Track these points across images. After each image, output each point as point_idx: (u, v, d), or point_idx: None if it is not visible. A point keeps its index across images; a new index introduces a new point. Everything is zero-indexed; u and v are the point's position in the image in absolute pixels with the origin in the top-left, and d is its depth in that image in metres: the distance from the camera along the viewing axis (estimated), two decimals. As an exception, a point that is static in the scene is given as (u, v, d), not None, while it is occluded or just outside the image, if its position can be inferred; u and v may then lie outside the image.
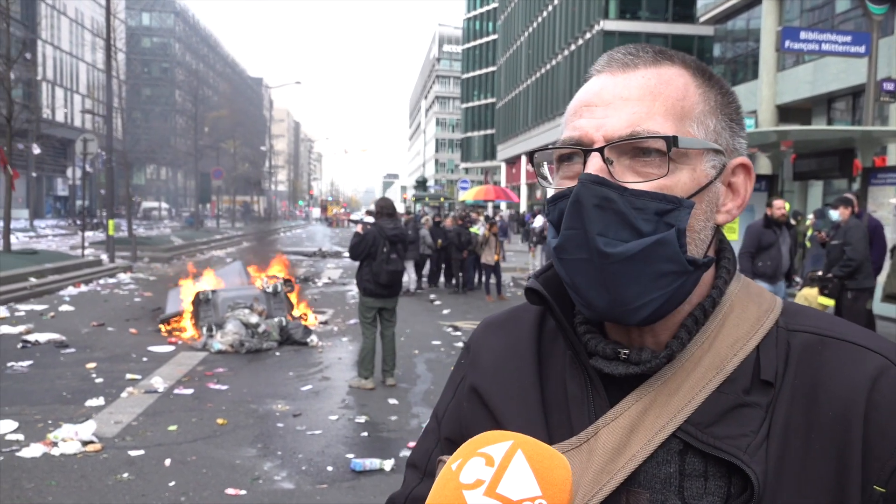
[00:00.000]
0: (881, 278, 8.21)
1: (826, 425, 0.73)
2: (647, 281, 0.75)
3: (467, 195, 37.77)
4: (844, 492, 0.71)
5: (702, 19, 26.47)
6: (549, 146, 0.84)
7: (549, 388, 0.85)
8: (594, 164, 0.77)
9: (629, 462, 0.75)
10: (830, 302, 7.82)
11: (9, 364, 7.92)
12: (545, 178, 0.86)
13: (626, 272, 0.74)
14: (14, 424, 5.80)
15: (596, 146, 0.77)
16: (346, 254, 7.64)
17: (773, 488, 0.72)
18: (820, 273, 8.04)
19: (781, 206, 7.91)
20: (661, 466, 0.76)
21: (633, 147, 0.77)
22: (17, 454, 5.18)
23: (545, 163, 0.86)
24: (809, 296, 8.20)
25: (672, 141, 0.76)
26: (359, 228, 7.46)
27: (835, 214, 8.16)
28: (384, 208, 7.61)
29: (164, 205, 66.05)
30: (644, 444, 0.76)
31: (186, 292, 10.71)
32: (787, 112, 21.58)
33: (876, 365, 0.75)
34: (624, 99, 0.78)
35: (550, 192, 0.83)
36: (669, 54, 0.82)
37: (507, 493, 0.62)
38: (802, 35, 14.31)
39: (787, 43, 14.13)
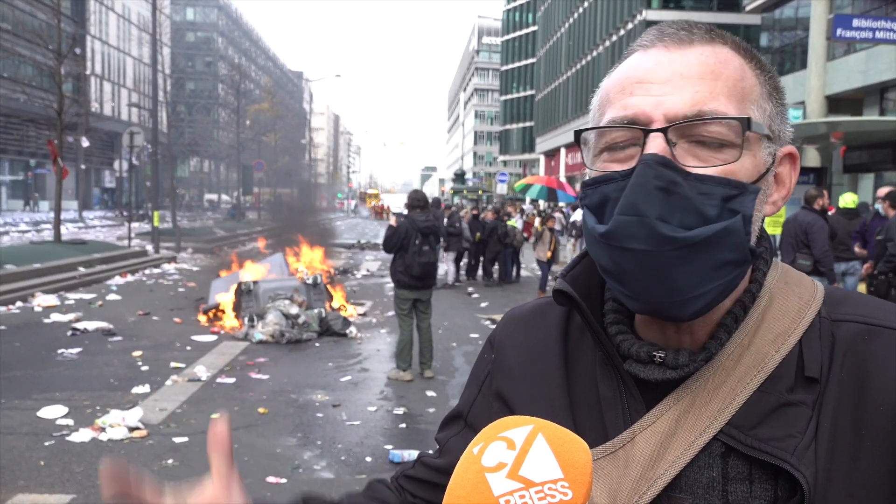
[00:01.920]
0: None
1: (877, 421, 0.69)
2: (707, 270, 0.70)
3: (520, 185, 36.98)
4: None
5: (748, 7, 25.81)
6: (602, 126, 0.77)
7: (576, 389, 0.82)
8: (657, 145, 0.71)
9: (669, 468, 0.72)
10: None
11: (59, 351, 8.17)
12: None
13: (688, 260, 0.69)
14: (64, 410, 5.99)
15: (655, 126, 0.72)
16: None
17: (824, 490, 0.68)
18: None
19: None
20: (702, 471, 0.73)
21: (695, 129, 0.72)
22: (67, 438, 5.34)
23: (588, 143, 0.81)
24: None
25: (746, 123, 0.71)
26: (392, 221, 7.51)
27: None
28: (416, 200, 7.62)
29: (225, 197, 66.94)
30: (684, 449, 0.72)
31: (229, 283, 10.90)
32: (836, 103, 20.92)
33: None
34: (683, 76, 0.73)
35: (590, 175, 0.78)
36: (720, 33, 0.78)
37: (529, 476, 0.62)
38: (855, 23, 13.86)
39: (839, 31, 13.70)
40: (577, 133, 0.80)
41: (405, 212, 7.71)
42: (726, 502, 0.71)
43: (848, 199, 9.08)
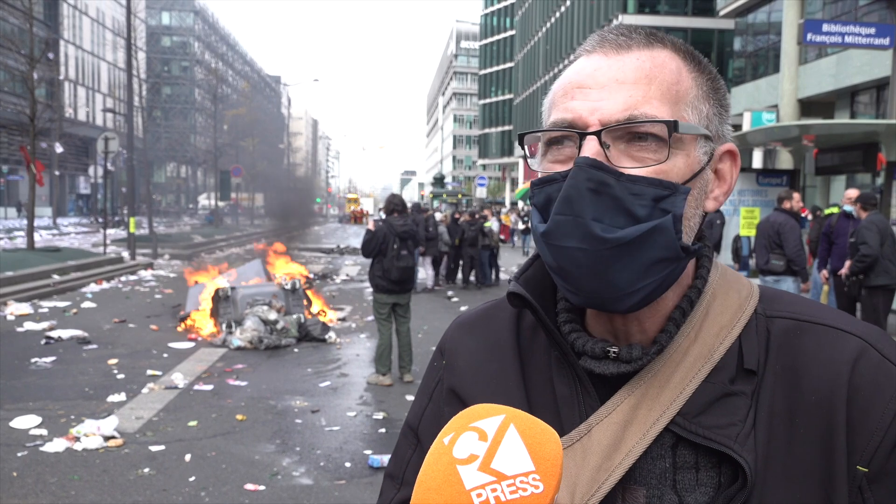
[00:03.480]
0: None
1: (810, 410, 0.74)
2: (641, 267, 0.73)
3: (520, 192, 36.70)
4: (832, 474, 0.72)
5: (722, 13, 26.13)
6: (542, 129, 0.80)
7: (533, 388, 0.84)
8: (591, 148, 0.74)
9: (626, 457, 0.75)
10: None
11: (32, 360, 8.04)
12: (529, 158, 0.85)
13: (621, 258, 0.72)
14: (38, 420, 5.89)
15: (591, 130, 0.75)
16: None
17: (763, 475, 0.72)
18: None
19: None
20: (655, 462, 0.76)
21: (628, 132, 0.75)
22: (41, 449, 5.26)
23: (532, 144, 0.83)
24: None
25: (672, 126, 0.74)
26: (370, 225, 7.49)
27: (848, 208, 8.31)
28: (393, 205, 7.63)
29: (203, 201, 64.81)
30: (639, 438, 0.75)
31: (206, 290, 10.80)
32: (809, 106, 21.25)
33: (854, 347, 0.76)
34: (619, 82, 0.76)
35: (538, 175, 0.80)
36: (660, 37, 0.80)
37: (501, 469, 0.62)
38: (825, 28, 14.08)
39: (809, 36, 13.92)
40: (521, 136, 0.83)
41: (383, 216, 7.70)
42: (676, 491, 0.75)
43: (834, 207, 9.44)
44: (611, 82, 0.76)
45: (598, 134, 0.74)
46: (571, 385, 0.81)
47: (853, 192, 8.41)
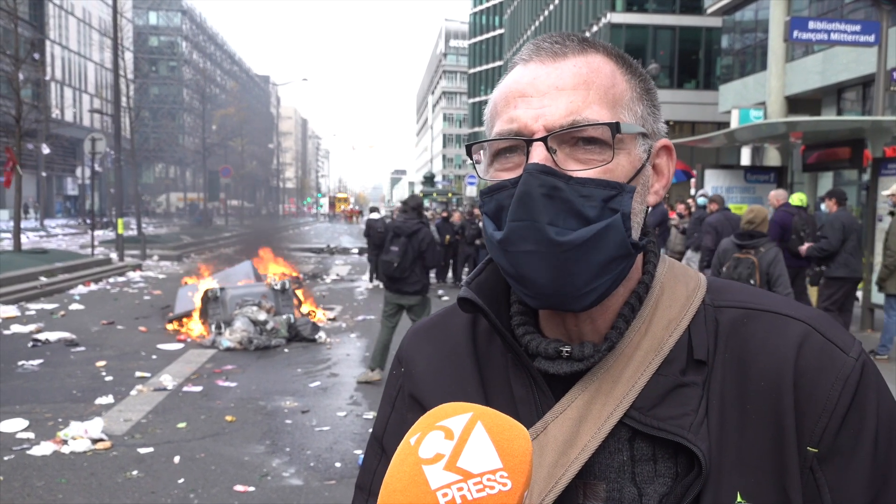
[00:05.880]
0: (876, 267, 8.62)
1: (759, 396, 0.76)
2: (597, 267, 0.75)
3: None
4: (783, 457, 0.74)
5: (709, 10, 26.23)
6: (488, 139, 0.82)
7: (491, 391, 0.85)
8: (539, 154, 0.76)
9: (582, 452, 0.76)
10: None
11: (19, 363, 7.96)
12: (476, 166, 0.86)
13: (577, 259, 0.74)
14: (25, 423, 5.83)
15: (537, 136, 0.76)
16: (355, 250, 7.72)
17: (718, 461, 0.74)
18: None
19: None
20: (613, 456, 0.78)
21: (572, 136, 0.77)
22: (28, 452, 5.21)
23: (480, 152, 0.85)
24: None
25: (615, 127, 0.76)
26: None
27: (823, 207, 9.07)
28: (404, 204, 7.92)
29: (192, 194, 63.82)
30: (594, 433, 0.76)
31: (196, 290, 10.74)
32: (796, 103, 21.37)
33: (799, 332, 0.78)
34: (559, 88, 0.78)
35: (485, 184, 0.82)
36: (593, 42, 0.83)
37: (467, 467, 0.61)
38: (811, 25, 14.15)
39: (795, 33, 13.98)
40: (468, 146, 0.85)
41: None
42: (635, 483, 0.76)
43: (796, 199, 9.80)
44: (551, 89, 0.78)
45: (544, 140, 0.76)
46: (527, 386, 0.82)
47: (774, 196, 9.41)
